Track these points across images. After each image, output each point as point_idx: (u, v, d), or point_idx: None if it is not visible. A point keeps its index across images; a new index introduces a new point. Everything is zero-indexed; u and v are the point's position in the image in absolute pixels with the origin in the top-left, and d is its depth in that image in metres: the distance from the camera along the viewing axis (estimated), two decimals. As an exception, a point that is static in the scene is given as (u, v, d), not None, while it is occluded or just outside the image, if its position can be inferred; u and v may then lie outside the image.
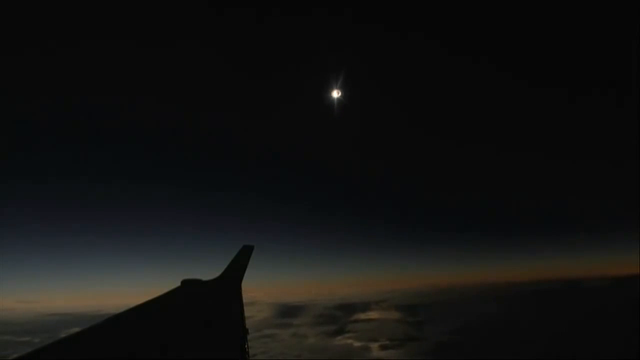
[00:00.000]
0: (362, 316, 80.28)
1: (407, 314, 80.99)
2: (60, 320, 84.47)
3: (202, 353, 3.02)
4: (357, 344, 54.87)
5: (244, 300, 5.30)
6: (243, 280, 6.36)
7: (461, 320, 68.03)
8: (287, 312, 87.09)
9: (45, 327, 68.00)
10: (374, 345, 53.00)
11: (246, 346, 3.51)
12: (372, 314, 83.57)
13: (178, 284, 5.66)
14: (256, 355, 47.67)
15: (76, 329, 3.26)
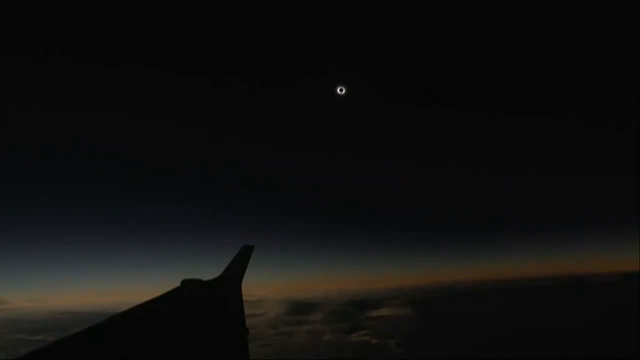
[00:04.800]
0: (376, 313, 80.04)
1: (420, 310, 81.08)
2: (72, 318, 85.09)
3: (202, 353, 2.98)
4: (374, 340, 54.60)
5: (250, 299, 5.37)
6: (244, 280, 6.41)
7: (472, 316, 68.43)
8: (300, 309, 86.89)
9: (58, 326, 68.47)
10: (392, 342, 52.50)
11: (246, 346, 3.39)
12: (385, 311, 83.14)
13: (178, 284, 5.57)
14: (278, 353, 47.73)
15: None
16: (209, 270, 6.79)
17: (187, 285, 5.59)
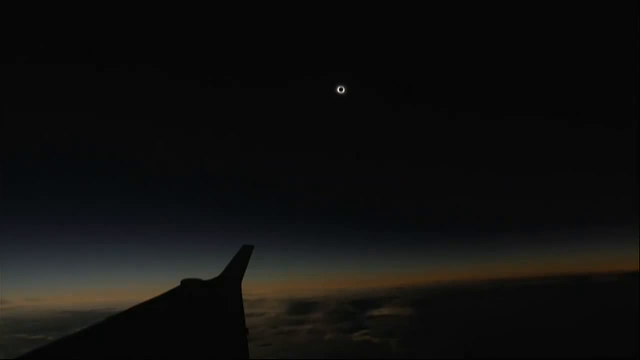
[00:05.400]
0: (376, 312, 79.96)
1: (420, 310, 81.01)
2: (72, 318, 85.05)
3: (202, 353, 2.99)
4: (375, 340, 54.60)
5: (250, 299, 5.18)
6: (244, 280, 6.45)
7: (472, 316, 68.77)
8: (300, 308, 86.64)
9: (58, 325, 68.35)
10: (393, 342, 52.50)
11: (246, 346, 3.40)
12: (386, 311, 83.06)
13: (178, 284, 5.58)
14: (278, 353, 47.65)
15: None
16: (209, 270, 6.83)
17: (187, 285, 5.58)
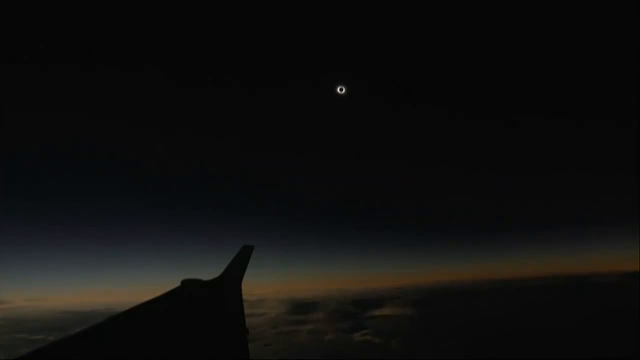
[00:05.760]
0: (377, 312, 79.99)
1: (420, 310, 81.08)
2: (72, 318, 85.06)
3: (202, 353, 2.99)
4: (376, 340, 54.56)
5: (250, 299, 5.07)
6: (244, 280, 6.43)
7: (472, 316, 68.91)
8: (300, 308, 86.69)
9: (58, 325, 68.40)
10: (393, 341, 52.47)
11: (246, 346, 3.38)
12: (386, 310, 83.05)
13: (178, 284, 5.58)
14: (279, 353, 47.66)
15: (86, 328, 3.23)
16: (209, 270, 6.81)
17: (187, 285, 5.58)
